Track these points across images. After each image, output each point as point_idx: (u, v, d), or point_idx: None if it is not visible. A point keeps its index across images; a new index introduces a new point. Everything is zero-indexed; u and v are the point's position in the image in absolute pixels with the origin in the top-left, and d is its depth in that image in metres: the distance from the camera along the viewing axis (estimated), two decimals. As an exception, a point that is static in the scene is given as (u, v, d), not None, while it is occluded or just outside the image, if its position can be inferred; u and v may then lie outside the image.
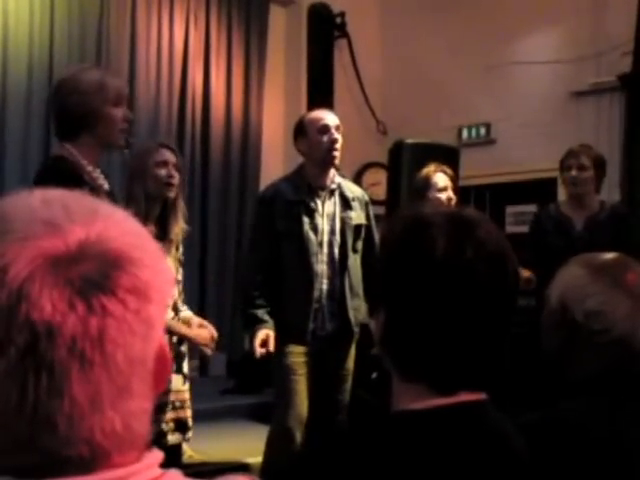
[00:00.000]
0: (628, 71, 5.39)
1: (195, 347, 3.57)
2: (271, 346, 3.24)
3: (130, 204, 3.22)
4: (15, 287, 0.57)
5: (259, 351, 3.21)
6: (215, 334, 3.49)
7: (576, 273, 1.50)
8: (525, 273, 3.52)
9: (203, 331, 3.47)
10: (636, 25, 5.35)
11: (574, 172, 3.84)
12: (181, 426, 3.55)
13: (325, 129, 3.38)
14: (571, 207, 3.94)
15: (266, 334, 3.24)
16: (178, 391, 3.54)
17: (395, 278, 1.07)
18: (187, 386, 3.62)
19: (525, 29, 6.27)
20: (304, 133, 3.45)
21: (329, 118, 3.43)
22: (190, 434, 3.63)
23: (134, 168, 3.48)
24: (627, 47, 5.39)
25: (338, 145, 3.39)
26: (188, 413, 3.59)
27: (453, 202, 3.73)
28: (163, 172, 3.45)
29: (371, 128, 7.22)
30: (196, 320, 3.55)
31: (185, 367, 3.62)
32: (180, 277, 3.71)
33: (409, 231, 1.08)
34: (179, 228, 3.53)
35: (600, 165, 3.91)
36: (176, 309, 3.58)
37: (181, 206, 3.56)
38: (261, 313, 3.30)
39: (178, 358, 3.54)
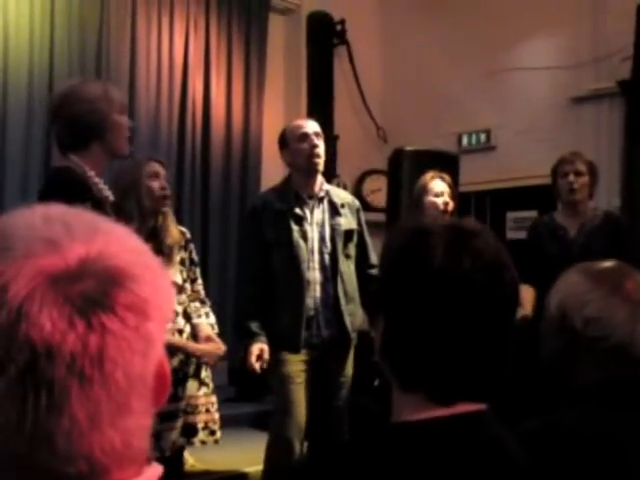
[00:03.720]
0: (628, 77, 5.40)
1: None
2: (266, 355, 3.25)
3: (122, 219, 3.21)
4: (15, 306, 0.57)
5: (255, 366, 3.22)
6: (222, 349, 3.51)
7: (575, 280, 1.51)
8: (522, 310, 3.51)
9: (209, 347, 3.48)
10: (635, 30, 5.35)
11: (572, 178, 3.84)
12: (188, 431, 3.54)
13: (304, 137, 3.40)
14: (565, 215, 3.93)
15: (260, 348, 3.25)
16: (191, 396, 3.54)
17: (393, 286, 1.07)
18: (203, 391, 3.62)
19: (524, 35, 6.29)
20: (286, 144, 3.48)
21: (308, 126, 3.45)
22: (197, 438, 3.59)
23: (125, 182, 3.46)
24: (626, 53, 5.40)
25: (319, 150, 3.39)
26: (198, 418, 3.58)
27: (450, 207, 3.74)
28: (156, 184, 3.49)
29: (371, 135, 7.23)
30: (204, 333, 3.57)
31: (203, 373, 3.63)
32: (195, 275, 3.74)
33: (408, 240, 1.08)
34: (172, 238, 3.55)
35: (593, 171, 3.92)
36: (187, 316, 3.60)
37: (170, 215, 3.60)
38: (254, 326, 3.30)
39: (197, 364, 3.57)
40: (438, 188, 3.78)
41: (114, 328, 0.59)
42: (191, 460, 3.96)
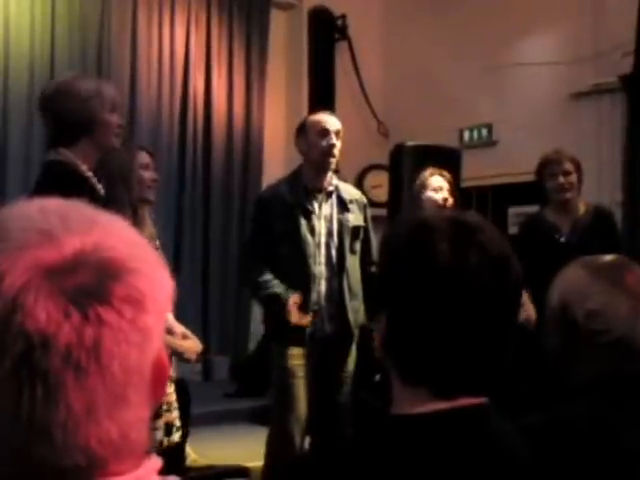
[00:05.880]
0: (629, 72, 5.38)
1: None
2: (305, 319, 3.25)
3: (112, 207, 3.16)
4: (10, 297, 0.57)
5: (303, 320, 3.23)
6: (200, 347, 3.42)
7: (576, 274, 1.51)
8: (527, 312, 3.53)
9: (189, 343, 3.42)
10: (636, 25, 5.33)
11: (561, 179, 3.83)
12: (168, 429, 3.52)
13: (325, 133, 3.39)
14: (556, 213, 3.92)
15: (294, 300, 3.24)
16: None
17: (397, 282, 1.06)
18: (172, 388, 3.59)
19: (525, 30, 6.27)
20: (304, 133, 3.46)
21: (330, 122, 3.43)
22: (177, 436, 3.56)
23: (117, 170, 3.39)
24: (628, 47, 5.37)
25: (335, 150, 3.39)
26: (175, 414, 3.55)
27: (448, 203, 3.74)
28: (147, 174, 3.45)
29: (372, 130, 7.22)
30: (179, 330, 3.47)
31: (171, 369, 3.58)
32: None
33: (411, 235, 1.07)
34: (148, 232, 3.49)
35: (579, 167, 3.91)
36: None
37: (147, 209, 3.55)
38: (276, 283, 3.29)
39: None
40: (437, 183, 3.78)
41: (110, 320, 0.59)
42: (193, 455, 3.97)
